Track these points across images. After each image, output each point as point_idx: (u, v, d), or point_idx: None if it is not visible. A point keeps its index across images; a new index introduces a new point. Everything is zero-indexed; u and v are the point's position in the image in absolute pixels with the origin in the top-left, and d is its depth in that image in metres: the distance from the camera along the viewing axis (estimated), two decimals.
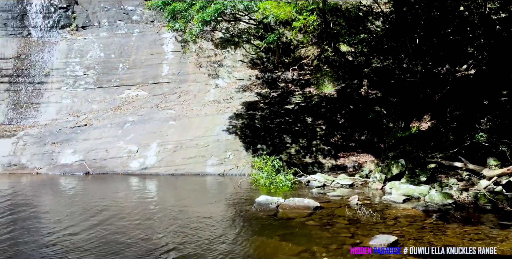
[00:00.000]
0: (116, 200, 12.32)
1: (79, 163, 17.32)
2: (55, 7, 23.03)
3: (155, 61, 22.02)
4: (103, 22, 23.07)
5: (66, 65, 21.86)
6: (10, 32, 22.19)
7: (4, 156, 17.75)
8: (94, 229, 9.19)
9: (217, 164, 16.79)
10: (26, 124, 20.13)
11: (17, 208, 11.31)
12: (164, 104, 20.20)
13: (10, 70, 21.21)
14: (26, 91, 21.15)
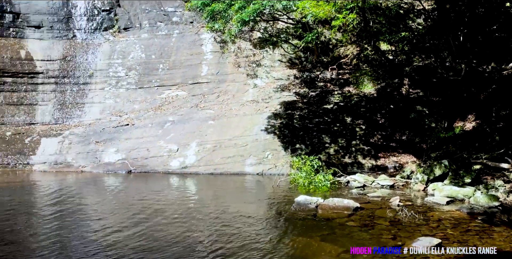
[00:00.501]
0: (158, 198, 12.57)
1: (121, 162, 17.77)
2: (98, 10, 23.69)
3: (195, 62, 22.31)
4: (144, 24, 23.55)
5: (109, 66, 22.47)
6: (56, 34, 22.99)
7: (51, 155, 18.44)
8: (137, 227, 9.42)
9: (256, 163, 16.87)
10: (71, 124, 20.83)
11: (63, 205, 11.72)
12: (203, 104, 20.45)
13: (56, 71, 21.99)
14: (71, 91, 21.88)
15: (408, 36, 15.76)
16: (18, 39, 22.47)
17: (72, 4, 23.47)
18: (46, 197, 13.10)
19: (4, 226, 9.58)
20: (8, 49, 21.75)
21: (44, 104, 21.44)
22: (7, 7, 22.57)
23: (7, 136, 19.34)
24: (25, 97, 21.33)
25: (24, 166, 18.24)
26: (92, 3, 23.64)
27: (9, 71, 21.24)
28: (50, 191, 13.97)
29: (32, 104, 21.30)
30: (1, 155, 18.41)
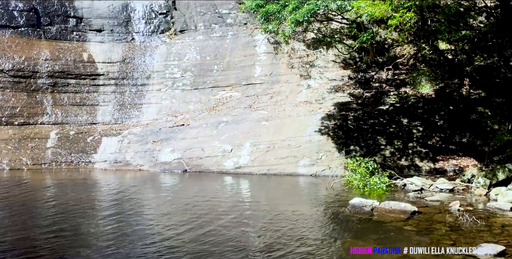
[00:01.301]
0: (213, 198, 12.79)
1: (177, 161, 18.23)
2: (155, 13, 24.41)
3: (248, 63, 22.52)
4: (199, 26, 24.03)
5: (165, 67, 23.12)
6: (116, 37, 23.92)
7: (111, 153, 19.22)
8: (191, 226, 9.60)
9: (309, 164, 16.81)
10: (130, 124, 21.61)
11: (123, 202, 12.18)
12: (256, 105, 20.61)
13: (116, 73, 22.89)
14: (130, 92, 22.72)
15: (469, 35, 15.18)
16: (81, 42, 23.55)
17: (131, 8, 24.32)
18: (107, 194, 13.69)
19: (68, 219, 10.11)
20: (71, 52, 22.84)
21: (105, 104, 22.37)
22: (70, 12, 23.69)
23: (70, 135, 20.33)
24: (87, 98, 22.35)
25: (86, 164, 19.13)
26: (149, 7, 24.40)
27: (72, 73, 22.31)
28: (111, 188, 14.58)
29: (94, 105, 22.29)
30: (65, 153, 19.39)
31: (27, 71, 21.53)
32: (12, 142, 19.55)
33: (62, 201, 12.39)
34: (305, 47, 22.11)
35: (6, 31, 22.10)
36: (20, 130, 20.33)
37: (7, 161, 18.65)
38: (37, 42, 22.52)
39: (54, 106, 21.60)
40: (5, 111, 20.49)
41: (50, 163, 19.00)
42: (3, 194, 13.41)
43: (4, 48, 21.56)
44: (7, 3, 22.32)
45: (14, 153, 19.06)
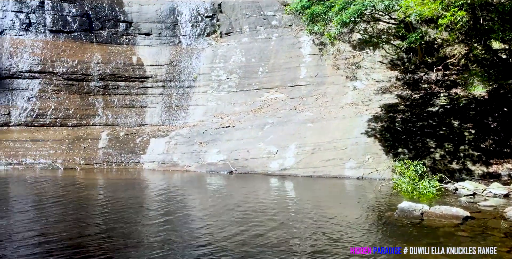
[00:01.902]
0: (258, 199, 12.86)
1: (223, 162, 18.44)
2: (202, 16, 24.82)
3: (293, 64, 22.51)
4: (245, 28, 24.23)
5: (211, 70, 23.46)
6: (164, 41, 24.50)
7: (159, 154, 19.68)
8: (240, 228, 9.63)
9: (356, 167, 16.60)
10: (177, 125, 22.08)
11: (171, 203, 12.42)
12: (302, 107, 20.56)
13: (163, 75, 23.45)
14: (177, 94, 23.23)
15: None
16: (130, 46, 24.27)
17: (178, 12, 24.84)
18: (155, 194, 14.02)
19: (119, 217, 10.45)
20: (121, 55, 23.57)
21: (153, 106, 22.97)
22: (121, 16, 24.46)
23: (120, 136, 20.98)
24: (136, 100, 23.01)
25: (135, 164, 19.70)
26: (196, 10, 24.83)
27: (122, 76, 23.03)
28: (159, 189, 14.93)
29: (142, 107, 22.93)
30: (116, 154, 20.02)
31: (80, 74, 22.40)
32: (66, 142, 20.38)
33: (113, 200, 12.78)
34: (351, 48, 21.87)
35: (61, 36, 23.08)
36: (74, 131, 21.19)
37: (61, 161, 19.46)
38: (89, 46, 23.39)
39: (105, 108, 22.39)
40: (60, 112, 21.40)
41: (101, 163, 19.68)
42: (58, 193, 13.98)
43: (58, 52, 22.52)
44: (61, 9, 23.29)
45: (68, 153, 19.87)
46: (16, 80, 21.62)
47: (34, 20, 22.88)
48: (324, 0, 16.57)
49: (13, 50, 21.95)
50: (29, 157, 19.44)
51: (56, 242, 8.47)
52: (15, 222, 10.03)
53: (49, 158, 19.48)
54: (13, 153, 19.44)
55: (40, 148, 19.87)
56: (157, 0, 24.94)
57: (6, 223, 10.04)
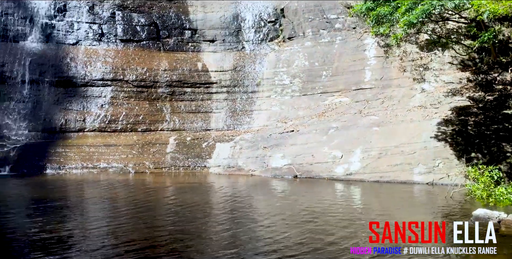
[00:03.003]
0: (323, 204, 12.75)
1: (287, 167, 18.46)
2: (265, 22, 25.04)
3: (357, 68, 22.15)
4: (307, 32, 24.14)
5: (274, 74, 23.59)
6: (227, 47, 24.97)
7: (225, 159, 20.05)
8: (308, 235, 9.46)
9: (425, 172, 16.05)
10: (241, 130, 22.41)
11: (236, 207, 12.58)
12: (367, 110, 20.19)
13: (228, 81, 23.90)
14: (241, 99, 23.58)
15: None
16: (195, 52, 24.94)
17: (241, 18, 25.20)
18: (221, 198, 14.31)
19: (186, 221, 10.70)
20: (187, 62, 24.26)
21: (218, 111, 23.46)
22: (186, 24, 25.20)
23: (187, 141, 21.57)
24: (201, 106, 23.61)
25: (202, 168, 20.19)
26: (259, 16, 25.08)
27: (188, 82, 23.71)
28: (225, 192, 15.23)
29: (208, 112, 23.49)
30: (183, 158, 20.62)
31: (148, 81, 23.30)
32: (136, 147, 21.24)
33: (181, 203, 13.16)
34: (418, 49, 21.18)
35: (130, 44, 24.14)
36: (143, 136, 22.06)
37: (132, 165, 20.30)
38: (157, 54, 24.28)
39: (172, 113, 23.14)
40: (130, 118, 22.36)
41: (169, 167, 20.34)
42: (130, 195, 14.64)
43: (129, 61, 23.55)
44: (131, 19, 24.36)
45: (138, 158, 20.70)
46: (90, 88, 22.83)
47: (106, 31, 24.07)
48: (389, 1, 16.19)
49: (87, 60, 23.20)
50: (103, 161, 20.44)
51: (127, 243, 8.83)
52: (90, 222, 10.59)
53: (121, 162, 20.39)
54: (88, 158, 20.51)
55: (113, 153, 20.84)
56: (221, 7, 25.44)
57: (82, 222, 10.67)
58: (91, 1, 24.16)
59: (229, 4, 25.45)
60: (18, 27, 23.34)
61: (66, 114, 22.09)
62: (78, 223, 10.56)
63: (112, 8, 24.26)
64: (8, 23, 23.20)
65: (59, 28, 23.67)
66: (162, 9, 25.21)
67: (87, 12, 24.05)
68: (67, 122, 21.89)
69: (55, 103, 22.37)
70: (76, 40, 23.74)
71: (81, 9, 24.07)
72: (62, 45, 23.50)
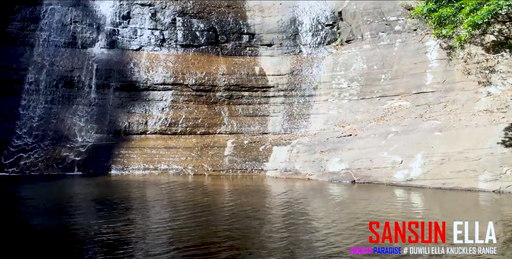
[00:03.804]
0: (382, 210, 12.51)
1: (345, 172, 18.27)
2: (322, 25, 24.93)
3: (418, 71, 21.57)
4: (366, 35, 23.79)
5: (332, 78, 23.43)
6: (285, 50, 25.10)
7: (282, 162, 20.13)
8: (358, 239, 9.39)
9: (491, 179, 15.37)
10: (298, 134, 22.42)
11: (293, 211, 12.61)
12: (428, 114, 19.61)
13: (285, 85, 24.01)
14: (298, 103, 23.61)
15: None
16: (253, 57, 25.26)
17: (298, 22, 25.24)
18: (278, 201, 14.42)
19: (243, 224, 10.88)
20: (245, 66, 24.61)
21: (275, 115, 23.63)
22: (244, 29, 25.57)
23: (244, 144, 21.85)
24: (258, 109, 23.87)
25: (259, 171, 20.37)
26: (316, 19, 25.02)
27: (246, 86, 24.04)
28: (282, 196, 15.32)
29: (265, 115, 23.72)
30: (240, 161, 20.90)
31: (207, 85, 23.83)
32: (195, 150, 21.77)
33: (238, 205, 13.38)
34: (483, 51, 20.33)
35: (190, 49, 24.80)
36: (202, 139, 22.58)
37: (191, 167, 20.82)
38: (215, 58, 24.79)
39: (230, 117, 23.54)
40: (189, 121, 22.96)
41: (227, 170, 20.68)
42: (189, 197, 15.05)
43: (188, 65, 24.20)
44: (191, 25, 25.02)
45: (197, 160, 21.20)
46: (152, 92, 23.67)
47: (167, 36, 24.86)
48: (452, 2, 15.70)
49: (149, 65, 24.06)
50: (163, 163, 21.10)
51: (185, 242, 9.13)
52: (152, 224, 10.97)
53: (180, 164, 20.97)
54: (149, 159, 21.25)
55: (173, 155, 21.46)
56: (279, 12, 25.61)
57: (144, 223, 11.07)
58: (153, 8, 25.04)
59: (287, 8, 25.57)
60: (85, 34, 24.57)
61: (129, 117, 23.03)
62: (141, 224, 10.97)
63: (173, 15, 25.02)
64: (76, 31, 24.49)
65: (123, 35, 24.72)
66: (221, 14, 25.70)
67: (149, 19, 24.96)
68: (130, 125, 22.81)
69: (119, 107, 23.37)
70: (139, 45, 24.69)
71: (144, 16, 25.01)
72: (126, 51, 24.52)
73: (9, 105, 22.57)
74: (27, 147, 21.44)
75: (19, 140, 21.71)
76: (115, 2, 24.81)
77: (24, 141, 21.69)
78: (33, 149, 21.40)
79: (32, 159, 21.02)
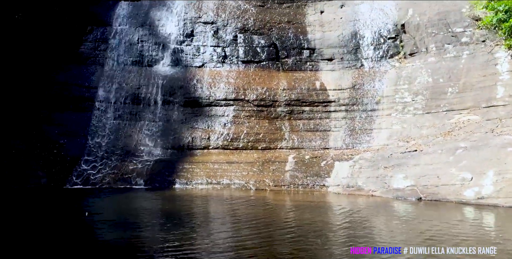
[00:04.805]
0: (450, 231, 11.91)
1: (410, 188, 17.70)
2: (384, 38, 24.53)
3: (488, 83, 20.63)
4: (431, 48, 23.14)
5: (395, 92, 22.91)
6: (346, 65, 24.90)
7: (344, 178, 19.83)
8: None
9: None
10: (360, 149, 22.03)
11: (356, 229, 12.34)
12: (500, 129, 18.67)
13: (346, 99, 23.75)
14: (360, 118, 23.26)
15: None
16: (313, 71, 25.26)
17: (360, 36, 24.99)
18: (340, 218, 14.17)
19: (308, 240, 10.70)
20: (305, 81, 24.64)
21: (336, 130, 23.39)
22: (304, 44, 25.68)
23: (306, 160, 21.77)
24: (320, 124, 23.74)
25: (321, 187, 20.18)
26: (378, 33, 24.65)
27: (306, 101, 24.03)
28: (344, 212, 15.05)
29: (326, 130, 23.53)
30: (302, 176, 20.80)
31: (268, 101, 24.05)
32: (256, 165, 21.94)
33: (301, 221, 13.29)
34: None
35: (251, 65, 25.20)
36: (263, 154, 22.74)
37: (253, 182, 20.97)
38: (276, 74, 25.02)
39: (291, 132, 23.58)
40: (251, 136, 23.22)
41: (288, 185, 20.64)
42: (251, 212, 15.14)
43: (249, 81, 24.57)
44: (251, 41, 25.47)
45: (258, 175, 21.34)
46: (214, 107, 24.22)
47: (229, 53, 25.43)
48: None
49: (211, 81, 24.67)
50: (226, 177, 21.41)
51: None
52: (217, 238, 11.13)
53: (242, 179, 21.19)
54: (212, 174, 21.64)
55: (235, 170, 21.75)
56: (339, 26, 25.52)
57: (208, 236, 11.29)
58: (216, 26, 25.73)
59: (347, 23, 25.43)
60: (151, 52, 25.67)
61: (192, 132, 23.65)
62: (205, 239, 11.13)
63: (235, 32, 25.58)
64: (143, 50, 25.64)
65: (187, 52, 25.57)
66: (281, 30, 25.97)
67: (211, 37, 25.68)
68: (193, 140, 23.40)
69: (183, 122, 24.07)
70: (201, 62, 25.43)
71: (206, 34, 25.77)
72: (189, 68, 25.32)
73: (81, 121, 23.89)
74: (97, 162, 22.52)
75: (90, 155, 22.86)
76: (179, 21, 25.75)
77: (94, 156, 22.82)
78: (102, 164, 22.44)
79: (102, 173, 22.03)
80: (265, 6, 26.53)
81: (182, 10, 26.03)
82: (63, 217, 14.25)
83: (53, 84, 24.25)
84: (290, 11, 26.55)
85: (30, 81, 23.80)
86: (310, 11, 26.58)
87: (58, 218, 14.03)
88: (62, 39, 25.06)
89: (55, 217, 14.19)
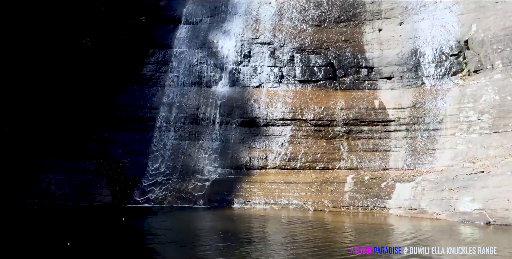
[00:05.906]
0: None
1: (478, 212, 16.83)
2: (446, 55, 23.80)
3: None
4: (497, 64, 22.16)
5: (459, 111, 22.04)
6: (406, 83, 24.32)
7: (405, 200, 19.17)
8: None
9: None
10: (423, 170, 21.26)
11: (422, 255, 11.82)
12: None
13: (406, 118, 23.12)
14: (421, 137, 22.50)
15: None
16: (372, 90, 24.85)
17: (420, 53, 24.39)
18: (405, 242, 13.53)
19: None
20: (364, 100, 24.27)
21: (396, 150, 22.75)
22: (362, 63, 25.40)
23: (365, 180, 21.29)
24: (379, 144, 23.20)
25: (381, 209, 19.59)
26: (439, 50, 23.97)
27: (365, 120, 23.61)
28: (407, 236, 14.37)
29: (386, 150, 22.94)
30: (361, 198, 20.32)
31: (325, 120, 23.87)
32: (314, 185, 21.70)
33: (362, 245, 12.83)
34: None
35: (308, 85, 25.22)
36: (321, 174, 22.47)
37: (311, 203, 20.73)
38: (333, 93, 24.85)
39: (349, 152, 23.18)
40: (308, 156, 23.05)
41: (347, 206, 20.21)
42: (310, 234, 14.88)
43: (306, 101, 24.54)
44: (308, 60, 25.53)
45: (316, 196, 21.08)
46: (271, 127, 24.32)
47: (286, 73, 25.59)
48: None
49: (268, 101, 24.85)
50: (283, 197, 21.31)
51: None
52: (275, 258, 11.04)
53: (300, 200, 21.00)
54: (270, 194, 21.61)
55: (292, 190, 21.61)
56: (398, 44, 25.06)
57: (264, 253, 11.17)
58: (272, 46, 26.03)
59: (407, 40, 24.92)
60: (210, 73, 26.31)
61: (250, 152, 23.80)
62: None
63: (291, 52, 25.75)
64: (202, 71, 26.33)
65: (244, 73, 25.97)
66: (338, 49, 25.85)
67: (268, 57, 25.98)
68: (251, 160, 23.54)
69: (240, 142, 24.31)
70: (259, 83, 25.72)
71: (263, 54, 26.11)
72: (247, 88, 25.66)
73: (143, 141, 24.72)
74: (158, 181, 23.12)
75: (151, 174, 23.51)
76: (237, 42, 26.27)
77: (155, 175, 23.44)
78: (163, 183, 23.02)
79: (162, 192, 22.57)
80: (321, 26, 26.55)
81: (240, 31, 26.55)
82: (129, 235, 14.67)
83: (118, 105, 25.32)
84: (347, 30, 26.40)
85: (96, 103, 25.00)
86: (367, 29, 26.31)
87: (124, 236, 14.45)
88: (126, 62, 26.23)
89: (122, 235, 14.63)
